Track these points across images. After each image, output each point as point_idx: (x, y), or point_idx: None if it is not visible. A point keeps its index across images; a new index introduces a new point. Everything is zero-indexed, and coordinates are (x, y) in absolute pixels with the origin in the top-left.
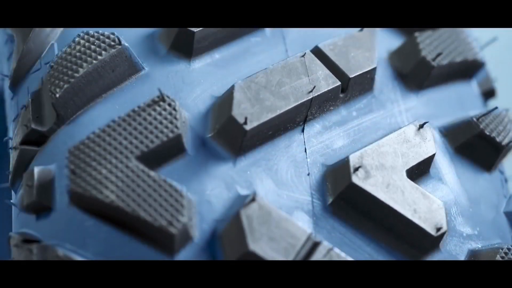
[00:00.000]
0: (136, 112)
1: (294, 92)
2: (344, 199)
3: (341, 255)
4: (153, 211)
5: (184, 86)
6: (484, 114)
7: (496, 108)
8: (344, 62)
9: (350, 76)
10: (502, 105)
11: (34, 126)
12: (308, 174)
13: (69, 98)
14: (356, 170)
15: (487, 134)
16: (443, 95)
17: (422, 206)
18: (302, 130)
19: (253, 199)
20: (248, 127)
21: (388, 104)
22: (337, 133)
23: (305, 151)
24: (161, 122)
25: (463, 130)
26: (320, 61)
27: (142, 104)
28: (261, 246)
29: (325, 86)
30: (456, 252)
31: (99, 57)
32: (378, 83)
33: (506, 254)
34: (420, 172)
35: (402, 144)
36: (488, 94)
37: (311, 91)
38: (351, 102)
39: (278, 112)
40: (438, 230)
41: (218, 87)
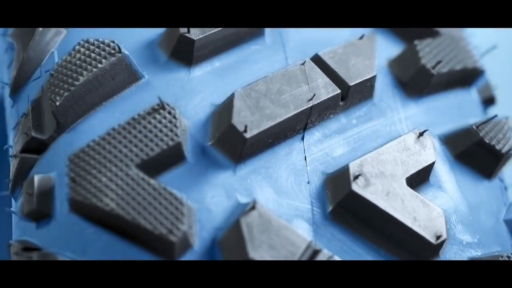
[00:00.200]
0: (136, 120)
1: (294, 100)
2: (344, 207)
3: None
4: (153, 219)
5: (184, 94)
6: (483, 122)
7: (495, 116)
8: (344, 70)
9: (350, 84)
10: (502, 112)
11: (34, 134)
12: (308, 182)
13: (69, 106)
14: (356, 178)
15: (487, 142)
16: (443, 103)
17: (422, 214)
18: (302, 138)
19: (253, 207)
20: (248, 135)
21: (388, 112)
22: (337, 141)
23: (305, 159)
24: (161, 130)
25: (463, 138)
26: (320, 69)
27: (142, 112)
28: (261, 254)
29: (325, 94)
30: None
31: (99, 65)
32: (378, 91)
33: None
34: (420, 180)
35: (402, 152)
36: (488, 102)
37: (311, 99)
38: (351, 110)
39: (278, 120)
40: (438, 238)
41: (218, 95)
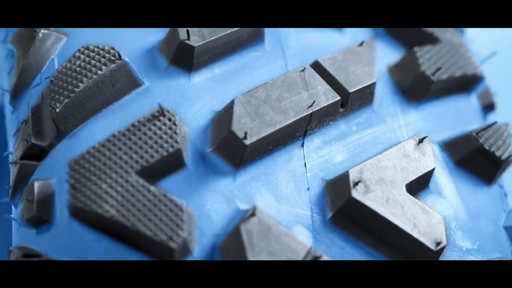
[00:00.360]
0: (136, 126)
1: (293, 106)
2: (343, 214)
3: None
4: (153, 226)
5: (184, 100)
6: (483, 129)
7: (495, 122)
8: (343, 76)
9: (350, 90)
10: (501, 119)
11: (34, 141)
12: (308, 189)
13: (69, 113)
14: (355, 184)
15: (487, 148)
16: (443, 109)
17: (422, 221)
18: (302, 145)
19: (253, 214)
20: (248, 142)
21: (387, 118)
22: (336, 147)
23: (304, 166)
24: (161, 137)
25: (463, 144)
26: (319, 75)
27: (142, 118)
28: None
29: (324, 100)
30: None
31: (99, 72)
32: (377, 98)
33: None
34: (419, 186)
35: (402, 158)
36: (487, 108)
37: (311, 106)
38: (351, 117)
39: (278, 126)
40: (438, 244)
41: (218, 102)
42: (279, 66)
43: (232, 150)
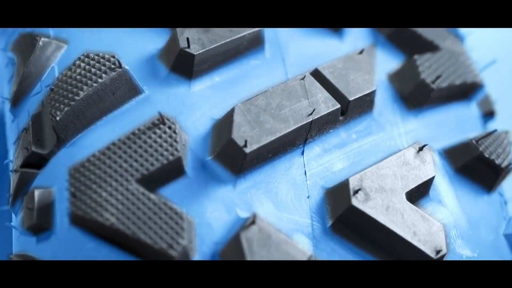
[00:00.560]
0: (136, 134)
1: (294, 114)
2: (343, 222)
3: None
4: (153, 234)
5: (184, 108)
6: (483, 137)
7: (495, 130)
8: (343, 84)
9: (350, 99)
10: (501, 126)
11: (34, 149)
12: (308, 197)
13: (69, 121)
14: (355, 192)
15: (486, 156)
16: (443, 117)
17: (422, 229)
18: (302, 153)
19: (253, 222)
20: (248, 150)
21: (387, 126)
22: (336, 155)
23: (304, 174)
24: (161, 145)
25: (463, 152)
26: (319, 83)
27: (142, 126)
28: None
29: (324, 109)
30: None
31: (100, 80)
32: (377, 106)
33: None
34: (419, 194)
35: (402, 166)
36: (487, 115)
37: (311, 114)
38: (351, 125)
39: (278, 135)
40: (438, 252)
41: (218, 110)
42: (279, 74)
43: (232, 158)
